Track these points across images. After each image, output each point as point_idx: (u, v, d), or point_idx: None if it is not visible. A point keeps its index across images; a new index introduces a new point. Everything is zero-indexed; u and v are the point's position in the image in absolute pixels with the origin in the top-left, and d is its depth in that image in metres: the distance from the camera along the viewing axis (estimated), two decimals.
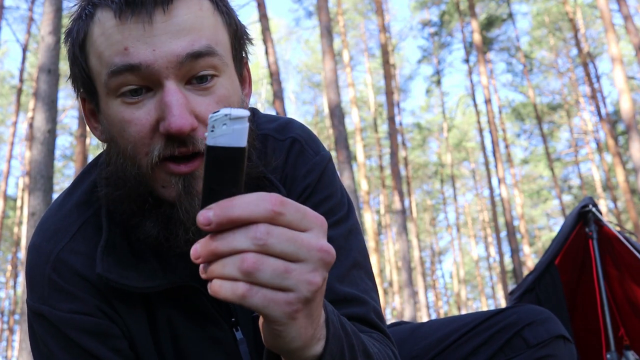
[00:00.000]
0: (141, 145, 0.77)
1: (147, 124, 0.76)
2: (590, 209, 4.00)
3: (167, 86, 0.74)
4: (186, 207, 0.78)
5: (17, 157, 27.07)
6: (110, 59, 0.75)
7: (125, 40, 0.74)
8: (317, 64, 30.40)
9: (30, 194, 6.23)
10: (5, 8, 18.60)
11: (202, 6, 0.78)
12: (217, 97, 0.78)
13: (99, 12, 0.77)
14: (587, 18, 24.56)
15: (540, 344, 0.95)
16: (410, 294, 14.21)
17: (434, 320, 1.09)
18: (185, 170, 0.77)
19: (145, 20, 0.73)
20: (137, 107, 0.76)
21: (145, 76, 0.74)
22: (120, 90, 0.76)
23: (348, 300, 0.85)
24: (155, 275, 0.84)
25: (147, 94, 0.76)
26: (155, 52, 0.73)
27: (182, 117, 0.73)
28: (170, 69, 0.74)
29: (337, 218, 0.92)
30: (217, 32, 0.79)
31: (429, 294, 35.03)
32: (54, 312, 0.85)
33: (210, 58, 0.76)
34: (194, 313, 0.88)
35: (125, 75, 0.74)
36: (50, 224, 0.90)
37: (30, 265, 0.89)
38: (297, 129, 0.98)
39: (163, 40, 0.74)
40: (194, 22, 0.76)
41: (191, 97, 0.76)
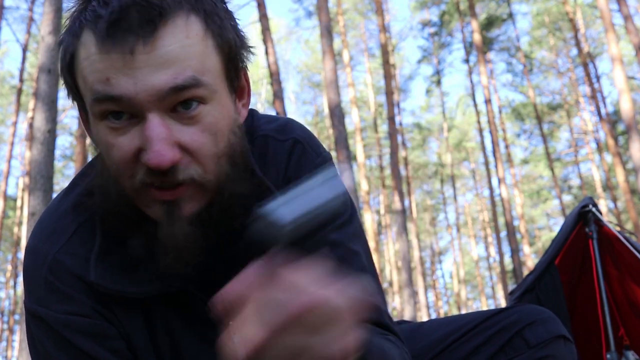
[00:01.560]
0: (125, 169, 0.76)
1: (129, 151, 0.74)
2: (590, 209, 4.00)
3: (149, 119, 0.72)
4: (167, 233, 0.77)
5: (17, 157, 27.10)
6: (93, 85, 0.73)
7: (106, 70, 0.71)
8: (317, 64, 30.40)
9: (30, 194, 6.23)
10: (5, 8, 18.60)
11: (189, 32, 0.73)
12: (203, 125, 0.75)
13: (85, 33, 0.74)
14: (587, 18, 24.57)
15: (540, 344, 0.94)
16: (410, 294, 14.21)
17: (434, 319, 1.09)
18: (168, 197, 0.76)
19: (127, 52, 0.70)
20: (121, 133, 0.75)
21: (127, 107, 0.73)
22: (104, 114, 0.75)
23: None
24: (151, 280, 0.83)
25: (131, 119, 0.74)
26: (136, 85, 0.71)
27: (162, 153, 0.71)
28: (152, 102, 0.71)
29: (341, 221, 0.91)
30: (205, 59, 0.75)
31: (429, 294, 35.05)
32: (50, 313, 0.85)
33: (194, 89, 0.73)
34: (192, 316, 0.88)
35: (107, 103, 0.73)
36: (47, 225, 0.90)
37: (27, 267, 0.88)
38: (298, 129, 0.97)
39: (144, 73, 0.70)
40: (179, 53, 0.72)
41: (175, 127, 0.74)
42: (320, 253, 0.87)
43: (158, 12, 0.71)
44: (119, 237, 0.84)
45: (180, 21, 0.73)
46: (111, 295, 0.84)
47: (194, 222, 0.78)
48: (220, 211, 0.80)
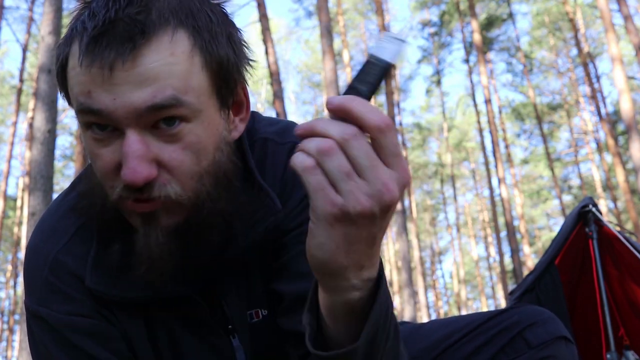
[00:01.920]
0: (107, 180, 0.76)
1: (111, 163, 0.75)
2: (590, 209, 4.00)
3: (127, 135, 0.72)
4: (142, 244, 0.77)
5: (17, 157, 27.09)
6: (77, 96, 0.73)
7: (88, 83, 0.71)
8: (317, 64, 30.40)
9: (30, 194, 6.23)
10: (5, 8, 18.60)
11: (174, 50, 0.72)
12: (184, 143, 0.74)
13: (74, 43, 0.74)
14: (587, 18, 24.57)
15: (541, 345, 0.94)
16: (410, 294, 14.21)
17: (434, 320, 1.09)
18: (144, 209, 0.76)
19: (105, 68, 0.70)
20: (104, 144, 0.75)
21: (107, 121, 0.72)
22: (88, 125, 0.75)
23: None
24: (148, 284, 0.83)
25: (113, 132, 0.74)
26: (115, 101, 0.70)
27: (136, 170, 0.71)
28: (131, 118, 0.70)
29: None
30: (189, 77, 0.73)
31: (429, 294, 35.05)
32: (51, 313, 0.85)
33: (174, 109, 0.72)
34: (191, 320, 0.88)
35: (89, 115, 0.73)
36: (48, 226, 0.90)
37: (28, 267, 0.88)
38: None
39: (123, 90, 0.70)
40: (160, 72, 0.70)
41: (154, 143, 0.73)
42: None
43: (140, 29, 0.70)
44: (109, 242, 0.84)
45: (165, 38, 0.72)
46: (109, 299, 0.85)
47: (171, 234, 0.78)
48: (199, 226, 0.80)
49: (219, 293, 0.89)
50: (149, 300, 0.85)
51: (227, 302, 0.90)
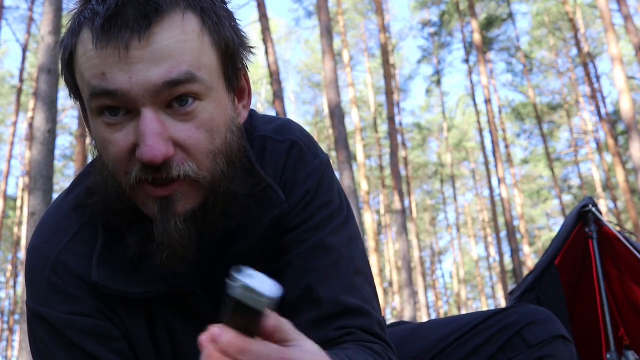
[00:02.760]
0: (120, 166, 0.77)
1: (125, 147, 0.75)
2: (590, 209, 4.00)
3: (143, 114, 0.73)
4: (162, 230, 0.77)
5: (17, 157, 27.09)
6: (90, 80, 0.74)
7: (102, 65, 0.72)
8: (317, 64, 30.39)
9: (30, 194, 6.23)
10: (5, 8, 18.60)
11: (185, 28, 0.74)
12: (199, 122, 0.75)
13: (83, 31, 0.75)
14: (587, 18, 24.56)
15: (540, 344, 0.94)
16: (410, 294, 14.21)
17: (433, 320, 1.09)
18: (161, 194, 0.76)
19: (122, 47, 0.70)
20: (117, 129, 0.75)
21: (122, 102, 0.73)
22: (101, 109, 0.75)
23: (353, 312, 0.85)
24: (152, 280, 0.84)
25: (126, 115, 0.75)
26: (131, 80, 0.71)
27: (155, 147, 0.71)
28: (147, 97, 0.72)
29: (338, 224, 0.91)
30: (201, 55, 0.75)
31: (429, 294, 35.04)
32: (53, 313, 0.85)
33: (190, 85, 0.73)
34: (193, 316, 0.88)
35: (103, 98, 0.73)
36: (49, 225, 0.90)
37: (30, 267, 0.88)
38: (296, 130, 0.97)
39: (140, 68, 0.71)
40: (174, 48, 0.72)
41: (170, 122, 0.74)
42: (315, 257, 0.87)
43: (154, 8, 0.72)
44: (119, 236, 0.84)
45: (176, 17, 0.73)
46: (113, 295, 0.85)
47: (189, 219, 0.78)
48: (215, 209, 0.80)
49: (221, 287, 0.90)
50: (154, 295, 0.85)
51: None
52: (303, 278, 0.86)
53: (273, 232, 0.89)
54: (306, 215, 0.90)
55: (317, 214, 0.90)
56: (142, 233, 0.80)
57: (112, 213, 0.82)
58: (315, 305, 0.85)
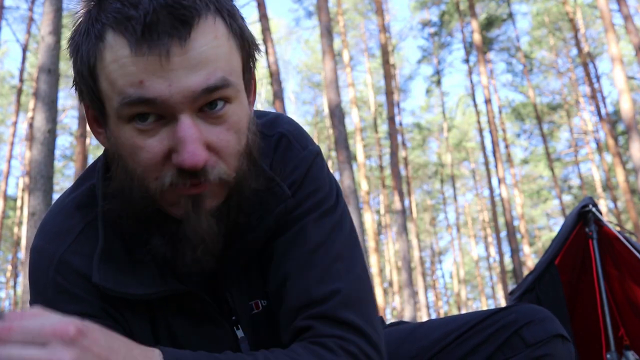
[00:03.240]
0: (152, 171, 0.76)
1: (159, 153, 0.75)
2: (590, 209, 3.99)
3: (181, 120, 0.73)
4: (194, 226, 0.78)
5: (17, 157, 27.10)
6: (124, 88, 0.73)
7: (140, 73, 0.71)
8: (317, 64, 30.40)
9: (30, 194, 6.23)
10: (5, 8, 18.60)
11: (217, 33, 0.75)
12: (229, 124, 0.77)
13: (111, 36, 0.73)
14: (587, 18, 24.56)
15: (538, 343, 0.94)
16: (410, 294, 14.21)
17: (432, 320, 1.09)
18: (195, 192, 0.77)
19: (163, 54, 0.70)
20: (149, 135, 0.75)
21: (160, 109, 0.73)
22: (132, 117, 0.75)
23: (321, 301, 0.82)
24: (154, 281, 0.84)
25: (158, 121, 0.74)
26: (171, 87, 0.71)
27: (197, 154, 0.72)
28: (186, 103, 0.73)
29: (322, 211, 0.90)
30: (231, 59, 0.76)
31: (429, 294, 35.05)
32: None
33: (224, 90, 0.75)
34: (195, 315, 0.88)
35: (139, 106, 0.73)
36: (52, 226, 0.90)
37: (34, 268, 0.88)
38: (286, 123, 0.97)
39: (180, 75, 0.71)
40: (210, 54, 0.73)
41: (203, 126, 0.75)
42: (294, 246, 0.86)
43: (191, 13, 0.72)
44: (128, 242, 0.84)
45: (209, 22, 0.74)
46: (116, 296, 0.85)
47: (215, 216, 0.80)
48: (237, 206, 0.82)
49: (224, 285, 0.90)
50: (155, 297, 0.85)
51: (232, 294, 0.90)
52: (281, 267, 0.86)
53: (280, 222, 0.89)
54: (304, 209, 0.89)
55: (302, 204, 0.89)
56: (168, 234, 0.81)
57: (136, 216, 0.81)
58: (288, 295, 0.84)
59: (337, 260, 0.87)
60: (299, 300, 0.83)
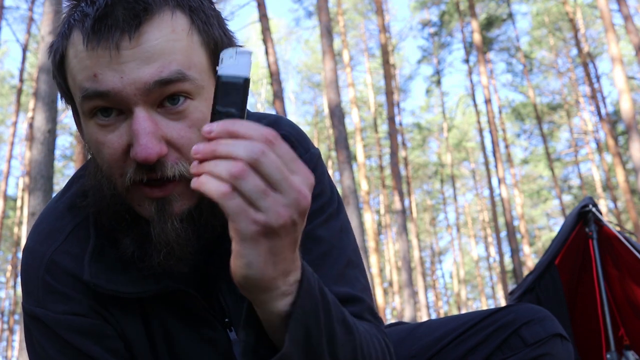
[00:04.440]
0: (115, 167, 0.77)
1: (119, 148, 0.75)
2: (590, 209, 4.00)
3: (135, 113, 0.73)
4: (159, 230, 0.77)
5: (17, 157, 27.09)
6: (82, 83, 0.74)
7: (93, 66, 0.72)
8: (317, 64, 30.39)
9: (30, 194, 6.23)
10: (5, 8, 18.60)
11: (175, 27, 0.74)
12: (190, 120, 0.75)
13: (74, 33, 0.75)
14: (587, 18, 24.57)
15: (537, 343, 0.94)
16: (410, 294, 14.21)
17: (432, 319, 1.09)
18: (158, 194, 0.76)
19: (112, 47, 0.71)
20: (110, 130, 0.75)
21: (114, 102, 0.73)
22: (93, 111, 0.75)
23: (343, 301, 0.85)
24: (146, 280, 0.84)
25: (119, 116, 0.75)
26: (123, 79, 0.71)
27: (149, 146, 0.72)
28: (139, 95, 0.72)
29: (327, 215, 0.91)
30: (191, 54, 0.75)
31: (429, 294, 35.04)
32: (49, 314, 0.85)
33: (180, 84, 0.73)
34: (188, 315, 0.88)
35: (95, 100, 0.74)
36: (43, 227, 0.90)
37: (25, 268, 0.89)
38: (287, 126, 0.97)
39: (131, 67, 0.71)
40: (164, 47, 0.73)
41: (162, 121, 0.74)
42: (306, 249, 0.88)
43: (143, 7, 0.72)
44: (113, 237, 0.84)
45: (165, 16, 0.74)
46: (108, 295, 0.85)
47: (185, 219, 0.78)
48: (210, 210, 0.81)
49: (216, 286, 0.90)
50: (147, 295, 0.85)
51: (224, 295, 0.90)
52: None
53: None
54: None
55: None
56: (138, 234, 0.80)
57: (107, 215, 0.82)
58: None
59: (349, 265, 0.90)
60: None
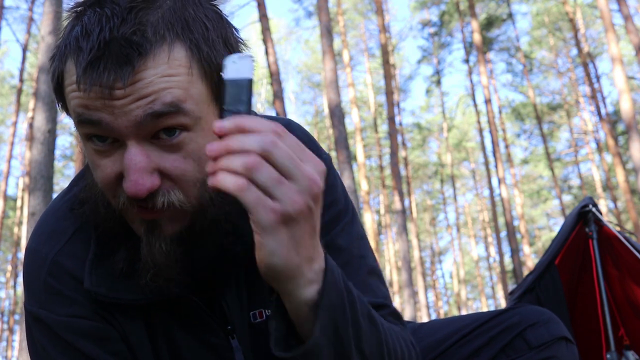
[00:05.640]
0: (109, 190, 0.77)
1: (111, 174, 0.75)
2: (590, 209, 4.00)
3: (128, 147, 0.72)
4: (147, 251, 0.77)
5: (17, 157, 27.10)
6: (76, 108, 0.73)
7: (85, 99, 0.71)
8: (317, 64, 30.40)
9: (30, 194, 6.23)
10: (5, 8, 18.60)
11: (172, 63, 0.71)
12: (186, 152, 0.74)
13: (69, 61, 0.73)
14: (587, 18, 24.57)
15: (542, 346, 0.94)
16: (410, 294, 14.21)
17: (434, 320, 1.09)
18: (148, 217, 0.76)
19: (105, 89, 0.69)
20: (105, 155, 0.75)
21: (107, 132, 0.72)
22: (88, 136, 0.75)
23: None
24: (146, 287, 0.83)
25: (114, 143, 0.74)
26: (114, 113, 0.70)
27: (139, 182, 0.71)
28: (130, 128, 0.71)
29: (344, 224, 0.91)
30: (188, 87, 0.72)
31: (429, 294, 35.04)
32: (51, 316, 0.84)
33: (175, 116, 0.71)
34: (190, 321, 0.88)
35: (88, 127, 0.73)
36: (46, 228, 0.90)
37: (27, 270, 0.88)
38: (298, 130, 0.96)
39: (122, 103, 0.70)
40: (158, 84, 0.70)
41: (156, 153, 0.73)
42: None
43: (137, 51, 0.69)
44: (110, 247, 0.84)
45: (162, 53, 0.71)
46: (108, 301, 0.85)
47: (175, 241, 0.78)
48: (202, 232, 0.80)
49: (219, 293, 0.90)
50: (148, 302, 0.85)
51: (227, 302, 0.89)
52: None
53: None
54: None
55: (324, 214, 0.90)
56: (131, 250, 0.80)
57: (102, 227, 0.82)
58: None
59: (371, 273, 0.91)
60: None
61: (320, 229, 0.89)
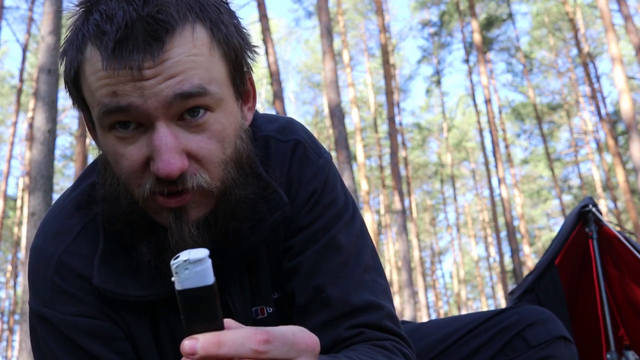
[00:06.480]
0: (134, 178, 0.77)
1: (138, 160, 0.75)
2: (590, 209, 4.00)
3: (157, 127, 0.73)
4: (177, 238, 0.77)
5: (17, 157, 27.09)
6: (101, 99, 0.73)
7: (114, 85, 0.72)
8: (317, 64, 30.40)
9: (30, 194, 6.23)
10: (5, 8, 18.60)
11: (196, 42, 0.73)
12: (210, 132, 0.76)
13: (89, 48, 0.73)
14: (587, 18, 24.56)
15: (541, 345, 0.94)
16: (410, 294, 14.21)
17: (434, 320, 1.09)
18: (175, 204, 0.77)
19: (135, 69, 0.70)
20: (129, 142, 0.75)
21: (135, 116, 0.73)
22: (112, 125, 0.75)
23: (363, 309, 0.86)
24: (154, 283, 0.84)
25: (138, 128, 0.75)
26: (144, 94, 0.71)
27: (171, 162, 0.72)
28: (160, 109, 0.72)
29: (345, 221, 0.92)
30: (211, 68, 0.75)
31: (429, 294, 35.05)
32: (56, 314, 0.85)
33: (201, 98, 0.73)
34: None
35: (115, 115, 0.73)
36: (52, 226, 0.90)
37: (33, 268, 0.88)
38: (299, 130, 0.97)
39: (152, 83, 0.71)
40: (186, 63, 0.72)
41: (182, 134, 0.74)
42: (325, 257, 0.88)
43: (164, 28, 0.71)
44: (123, 241, 0.84)
45: (186, 32, 0.73)
46: (116, 298, 0.85)
47: (201, 226, 0.79)
48: (226, 215, 0.81)
49: (224, 289, 0.90)
50: (155, 299, 0.85)
51: (232, 297, 0.90)
52: (312, 279, 0.87)
53: (277, 233, 0.90)
54: (314, 215, 0.90)
55: (325, 213, 0.91)
56: (154, 241, 0.81)
57: (123, 222, 0.82)
58: (325, 306, 0.85)
59: (367, 269, 0.90)
60: (339, 309, 0.85)
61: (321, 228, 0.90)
